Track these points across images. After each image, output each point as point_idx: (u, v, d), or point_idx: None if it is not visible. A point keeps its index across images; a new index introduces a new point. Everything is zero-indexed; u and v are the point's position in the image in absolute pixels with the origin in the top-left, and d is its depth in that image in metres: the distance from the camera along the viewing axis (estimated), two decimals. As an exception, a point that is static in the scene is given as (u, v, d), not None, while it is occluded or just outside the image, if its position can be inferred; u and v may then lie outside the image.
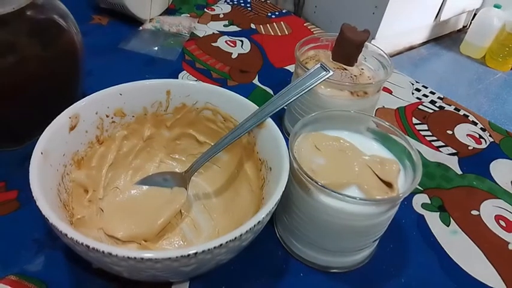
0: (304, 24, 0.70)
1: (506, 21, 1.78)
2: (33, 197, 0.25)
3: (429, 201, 0.41)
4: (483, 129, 0.51)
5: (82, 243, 0.23)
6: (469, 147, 0.48)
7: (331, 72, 0.33)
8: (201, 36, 0.63)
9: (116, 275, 0.26)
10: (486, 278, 0.34)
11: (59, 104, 0.33)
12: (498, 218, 0.40)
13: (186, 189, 0.35)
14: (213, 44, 0.62)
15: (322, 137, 0.33)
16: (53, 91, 0.38)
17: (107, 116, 0.34)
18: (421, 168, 0.29)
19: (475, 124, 0.52)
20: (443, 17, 1.90)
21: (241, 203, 0.35)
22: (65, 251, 0.32)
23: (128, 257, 0.23)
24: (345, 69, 0.42)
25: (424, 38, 2.01)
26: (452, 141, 0.49)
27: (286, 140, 0.31)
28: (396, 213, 0.31)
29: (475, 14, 2.00)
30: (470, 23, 2.03)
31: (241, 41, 0.63)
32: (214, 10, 0.71)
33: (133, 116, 0.36)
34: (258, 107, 0.33)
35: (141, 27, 0.63)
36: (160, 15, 0.66)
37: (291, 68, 0.58)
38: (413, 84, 0.58)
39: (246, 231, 0.25)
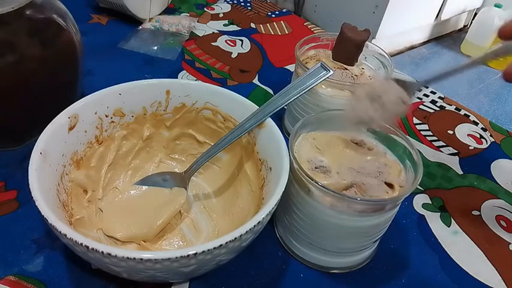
0: (304, 24, 0.70)
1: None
2: (32, 197, 0.25)
3: (430, 202, 0.41)
4: (484, 129, 0.51)
5: (81, 244, 0.23)
6: (470, 147, 0.48)
7: (332, 72, 0.33)
8: (200, 35, 0.63)
9: (115, 275, 0.26)
10: (487, 278, 0.34)
11: (58, 103, 0.33)
12: (499, 218, 0.40)
13: (186, 189, 0.35)
14: (212, 43, 0.61)
15: (322, 136, 0.33)
16: (52, 91, 0.38)
17: (106, 116, 0.34)
18: (421, 168, 0.29)
19: (476, 124, 0.52)
20: (444, 16, 1.89)
21: (241, 203, 0.35)
22: (64, 251, 0.32)
23: (128, 258, 0.22)
24: (346, 68, 0.42)
25: (424, 37, 2.01)
26: (453, 141, 0.49)
27: (286, 140, 0.31)
28: (397, 213, 0.31)
29: (475, 14, 2.00)
30: (471, 22, 2.02)
31: (241, 40, 0.63)
32: (214, 9, 0.71)
33: (132, 116, 0.36)
34: (258, 107, 0.33)
35: (140, 27, 0.63)
36: (159, 14, 0.66)
37: (291, 67, 0.58)
38: (413, 83, 0.58)
39: (246, 232, 0.25)
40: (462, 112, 0.54)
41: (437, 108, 0.54)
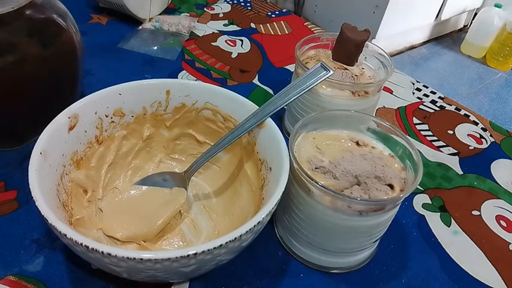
0: (304, 24, 0.70)
1: (507, 21, 1.77)
2: (32, 197, 0.25)
3: (430, 202, 0.41)
4: (484, 129, 0.51)
5: (81, 244, 0.23)
6: (470, 147, 0.48)
7: (332, 72, 0.33)
8: (200, 35, 0.63)
9: (115, 275, 0.26)
10: (487, 278, 0.34)
11: (58, 103, 0.33)
12: (499, 218, 0.40)
13: (186, 189, 0.35)
14: (212, 43, 0.61)
15: (322, 136, 0.33)
16: (52, 91, 0.38)
17: (106, 116, 0.34)
18: (421, 168, 0.29)
19: (476, 124, 0.52)
20: (444, 16, 1.90)
21: (241, 203, 0.35)
22: (64, 251, 0.32)
23: (128, 258, 0.22)
24: (346, 68, 0.42)
25: (424, 37, 2.01)
26: (453, 141, 0.49)
27: (286, 140, 0.31)
28: (397, 213, 0.31)
29: (475, 14, 2.00)
30: (471, 22, 2.02)
31: (241, 40, 0.63)
32: (214, 9, 0.71)
33: (132, 116, 0.36)
34: (258, 107, 0.33)
35: (140, 27, 0.63)
36: (159, 14, 0.66)
37: (291, 67, 0.58)
38: (413, 84, 0.58)
39: (246, 232, 0.25)
40: (462, 112, 0.54)
41: (437, 108, 0.54)
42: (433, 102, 0.55)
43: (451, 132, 0.50)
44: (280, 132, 0.32)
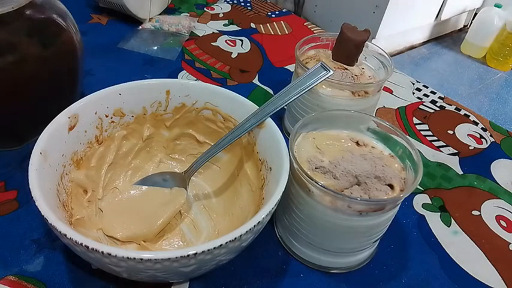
0: (304, 24, 0.70)
1: (507, 21, 1.77)
2: (32, 197, 0.25)
3: (430, 202, 0.41)
4: (484, 129, 0.51)
5: (81, 244, 0.23)
6: (470, 147, 0.48)
7: (332, 72, 0.33)
8: (200, 35, 0.63)
9: (115, 275, 0.26)
10: (487, 278, 0.34)
11: (58, 103, 0.33)
12: (499, 218, 0.40)
13: (186, 189, 0.35)
14: (212, 43, 0.61)
15: (322, 136, 0.33)
16: (52, 91, 0.38)
17: (106, 116, 0.34)
18: (421, 168, 0.29)
19: (476, 124, 0.52)
20: (444, 16, 1.90)
21: (241, 203, 0.35)
22: (64, 251, 0.32)
23: (128, 258, 0.22)
24: (346, 68, 0.42)
25: (424, 37, 2.01)
26: (453, 141, 0.49)
27: (286, 140, 0.31)
28: (397, 213, 0.31)
29: (475, 14, 2.00)
30: (471, 22, 2.02)
31: (241, 40, 0.63)
32: (214, 9, 0.71)
33: (132, 116, 0.36)
34: (258, 107, 0.33)
35: (140, 27, 0.63)
36: (159, 14, 0.66)
37: (291, 67, 0.58)
38: (413, 84, 0.58)
39: (246, 232, 0.25)
40: (462, 112, 0.54)
41: (437, 108, 0.54)
42: (433, 102, 0.55)
43: (451, 132, 0.50)
44: (280, 132, 0.32)
